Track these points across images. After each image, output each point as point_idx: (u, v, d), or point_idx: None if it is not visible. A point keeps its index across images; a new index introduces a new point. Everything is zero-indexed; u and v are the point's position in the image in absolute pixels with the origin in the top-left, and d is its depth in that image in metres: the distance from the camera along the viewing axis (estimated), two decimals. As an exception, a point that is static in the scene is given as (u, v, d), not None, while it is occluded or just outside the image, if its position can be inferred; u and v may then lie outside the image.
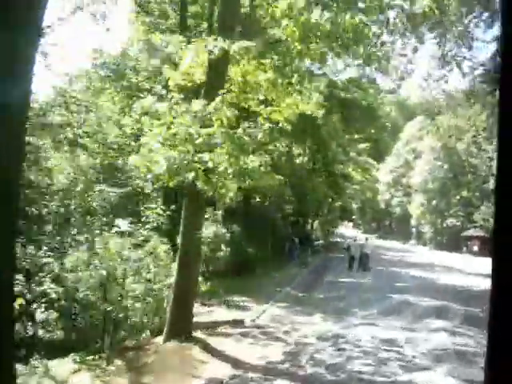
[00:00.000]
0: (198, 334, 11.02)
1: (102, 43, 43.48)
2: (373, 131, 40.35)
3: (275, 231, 30.26)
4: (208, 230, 15.85)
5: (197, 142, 8.62)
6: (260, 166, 11.76)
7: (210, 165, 8.77)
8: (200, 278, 15.62)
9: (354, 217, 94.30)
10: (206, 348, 9.67)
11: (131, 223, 14.06)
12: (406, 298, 18.10)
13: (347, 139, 39.35)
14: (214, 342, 10.44)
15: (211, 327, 12.13)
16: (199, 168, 8.78)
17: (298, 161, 38.86)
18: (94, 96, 25.61)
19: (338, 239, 62.05)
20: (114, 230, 13.69)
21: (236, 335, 11.26)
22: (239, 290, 17.06)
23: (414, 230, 73.03)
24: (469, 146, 66.78)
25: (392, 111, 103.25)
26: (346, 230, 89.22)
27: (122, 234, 12.72)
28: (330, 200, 43.76)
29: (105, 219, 19.57)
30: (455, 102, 70.73)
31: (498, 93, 2.98)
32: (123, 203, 20.46)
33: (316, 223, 46.88)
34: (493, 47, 14.47)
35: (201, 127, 8.87)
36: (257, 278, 20.58)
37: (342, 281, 23.25)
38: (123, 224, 12.59)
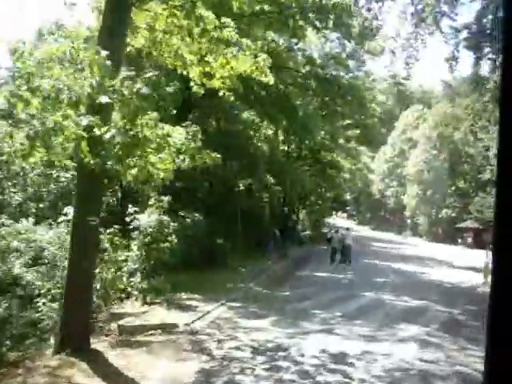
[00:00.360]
0: (103, 342, 8.98)
1: None
2: (362, 117, 38.12)
3: (253, 221, 28.15)
4: (150, 218, 13.72)
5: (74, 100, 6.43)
6: (190, 139, 9.69)
7: (97, 131, 6.64)
8: (139, 273, 13.68)
9: (348, 207, 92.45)
10: (98, 364, 7.55)
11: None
12: (382, 296, 16.05)
13: (334, 125, 37.24)
14: (117, 354, 8.34)
15: (134, 332, 10.07)
16: (82, 136, 6.61)
17: (283, 147, 36.81)
18: None
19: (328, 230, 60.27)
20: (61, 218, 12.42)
21: (155, 344, 9.17)
22: (192, 286, 14.97)
23: (409, 221, 70.90)
24: (466, 135, 64.57)
25: (388, 100, 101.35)
26: (340, 221, 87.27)
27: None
28: (320, 190, 41.66)
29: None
30: (453, 90, 68.43)
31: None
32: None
33: (303, 213, 44.67)
34: (477, 5, 12.31)
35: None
36: (221, 273, 18.40)
37: (317, 275, 21.22)
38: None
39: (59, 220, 12.61)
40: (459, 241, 58.20)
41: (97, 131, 6.61)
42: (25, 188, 18.81)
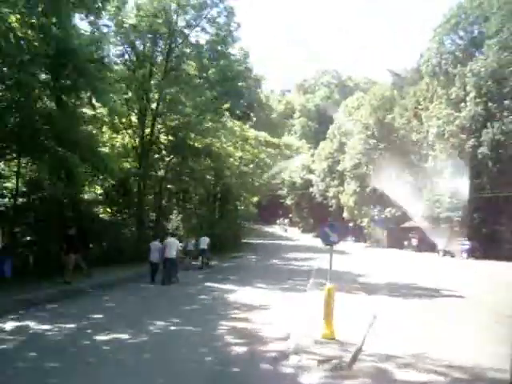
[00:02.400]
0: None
1: None
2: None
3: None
4: None
5: None
6: None
7: None
8: None
9: (290, 214, 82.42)
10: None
11: None
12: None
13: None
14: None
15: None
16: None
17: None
18: None
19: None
20: None
21: None
22: None
23: (350, 224, 60.95)
24: (409, 121, 55.76)
25: (334, 92, 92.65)
26: (279, 230, 77.19)
27: None
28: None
29: None
30: (401, 79, 59.41)
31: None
32: None
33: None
34: None
35: None
36: None
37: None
38: None
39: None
40: (406, 243, 48.63)
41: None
42: None
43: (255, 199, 56.01)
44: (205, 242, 25.07)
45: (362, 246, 55.10)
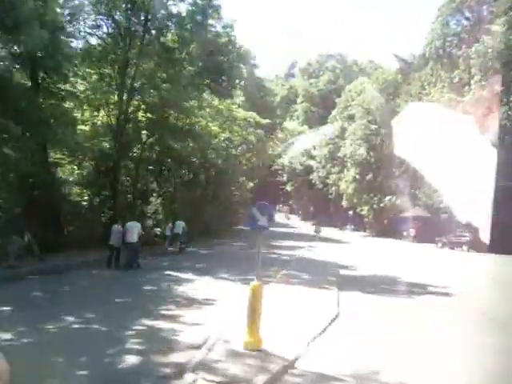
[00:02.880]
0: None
1: None
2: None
3: None
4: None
5: None
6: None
7: None
8: None
9: (290, 201, 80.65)
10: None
11: None
12: None
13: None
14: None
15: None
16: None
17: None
18: None
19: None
20: None
21: None
22: None
23: (350, 212, 59.03)
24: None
25: (340, 78, 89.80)
26: (282, 217, 75.29)
27: None
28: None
29: None
30: (407, 65, 57.14)
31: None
32: None
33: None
34: None
35: None
36: None
37: None
38: None
39: None
40: (404, 233, 46.63)
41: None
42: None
43: (251, 184, 54.27)
44: (180, 226, 23.79)
45: (361, 235, 53.17)
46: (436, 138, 36.63)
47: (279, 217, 78.59)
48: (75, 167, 25.55)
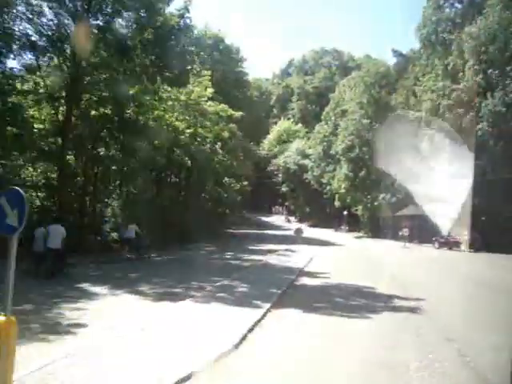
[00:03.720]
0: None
1: None
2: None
3: None
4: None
5: None
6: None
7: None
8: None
9: (286, 203, 77.84)
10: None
11: None
12: None
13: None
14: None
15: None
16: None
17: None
18: None
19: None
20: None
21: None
22: None
23: (345, 212, 56.14)
24: (407, 98, 50.69)
25: (336, 75, 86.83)
26: (281, 220, 72.47)
27: None
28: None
29: None
30: (405, 60, 54.53)
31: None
32: None
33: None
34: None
35: None
36: None
37: None
38: None
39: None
40: (400, 234, 43.67)
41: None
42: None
43: (245, 184, 51.63)
44: (132, 230, 21.80)
45: (355, 235, 50.31)
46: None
47: (277, 219, 76.00)
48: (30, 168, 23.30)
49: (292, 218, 72.63)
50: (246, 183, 53.05)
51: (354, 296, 12.85)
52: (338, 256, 27.42)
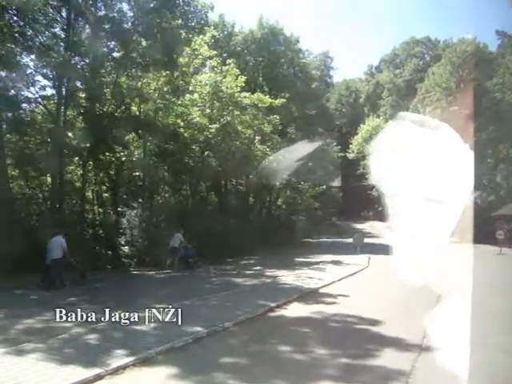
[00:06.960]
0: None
1: None
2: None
3: None
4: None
5: None
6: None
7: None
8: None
9: (379, 208, 71.34)
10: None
11: None
12: None
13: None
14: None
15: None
16: None
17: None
18: None
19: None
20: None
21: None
22: None
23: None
24: (503, 78, 43.28)
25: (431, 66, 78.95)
26: (378, 227, 66.27)
27: None
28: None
29: None
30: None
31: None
32: None
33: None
34: None
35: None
36: None
37: None
38: None
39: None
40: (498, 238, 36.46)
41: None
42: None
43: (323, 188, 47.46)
44: (177, 239, 20.56)
45: (447, 241, 43.45)
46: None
47: (369, 225, 69.75)
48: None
49: (376, 223, 66.45)
50: (323, 187, 48.91)
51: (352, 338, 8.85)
52: (386, 271, 21.42)
